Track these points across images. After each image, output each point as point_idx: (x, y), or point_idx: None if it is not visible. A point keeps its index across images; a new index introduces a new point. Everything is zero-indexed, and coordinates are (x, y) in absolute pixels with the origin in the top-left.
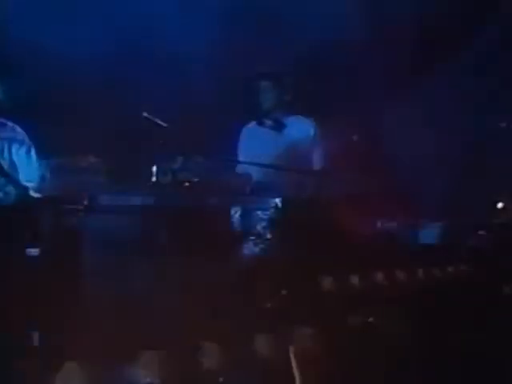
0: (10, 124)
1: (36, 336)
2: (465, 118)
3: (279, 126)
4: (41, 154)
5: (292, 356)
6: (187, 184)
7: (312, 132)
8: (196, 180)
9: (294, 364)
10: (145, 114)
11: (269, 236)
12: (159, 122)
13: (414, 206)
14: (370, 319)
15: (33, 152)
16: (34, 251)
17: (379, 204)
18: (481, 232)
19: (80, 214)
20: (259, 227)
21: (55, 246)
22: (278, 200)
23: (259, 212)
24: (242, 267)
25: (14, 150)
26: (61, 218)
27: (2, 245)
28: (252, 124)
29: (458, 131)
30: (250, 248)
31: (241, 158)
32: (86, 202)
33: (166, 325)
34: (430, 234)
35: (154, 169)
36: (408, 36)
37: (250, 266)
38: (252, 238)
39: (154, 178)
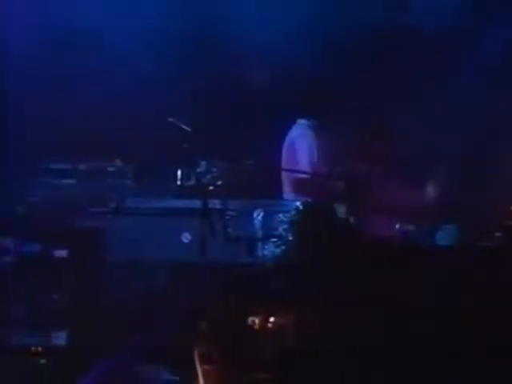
0: None
1: None
2: (483, 119)
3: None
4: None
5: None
6: (211, 187)
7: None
8: (219, 183)
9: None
10: (170, 119)
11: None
12: (184, 126)
13: (431, 208)
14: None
15: None
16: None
17: (397, 205)
18: (497, 234)
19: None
20: (281, 229)
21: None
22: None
23: (281, 214)
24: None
25: None
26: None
27: None
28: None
29: (475, 132)
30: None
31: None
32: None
33: None
34: (446, 235)
35: (179, 173)
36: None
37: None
38: (273, 239)
39: (178, 182)
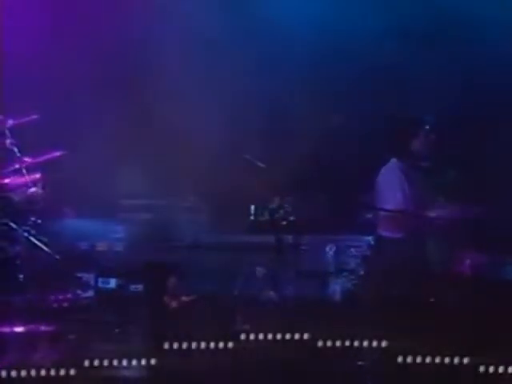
0: None
1: None
2: None
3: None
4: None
5: None
6: (284, 223)
7: None
8: (292, 219)
9: None
10: (246, 156)
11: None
12: (258, 163)
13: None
14: None
15: None
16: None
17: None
18: None
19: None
20: (353, 264)
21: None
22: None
23: (353, 249)
24: None
25: None
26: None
27: None
28: (397, 163)
29: None
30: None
31: (391, 190)
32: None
33: None
34: None
35: (252, 208)
36: None
37: None
38: (346, 274)
39: (252, 217)
